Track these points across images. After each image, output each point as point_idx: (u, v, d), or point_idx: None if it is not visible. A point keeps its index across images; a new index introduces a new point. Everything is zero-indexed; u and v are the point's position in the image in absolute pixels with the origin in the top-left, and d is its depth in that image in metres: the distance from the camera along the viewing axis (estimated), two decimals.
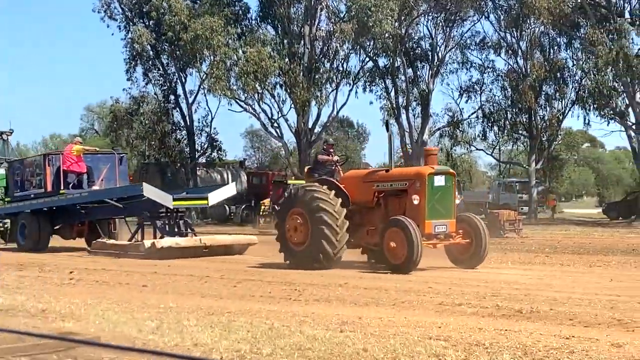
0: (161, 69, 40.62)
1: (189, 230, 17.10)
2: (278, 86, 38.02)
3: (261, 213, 31.97)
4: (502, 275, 11.66)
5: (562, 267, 13.85)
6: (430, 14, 39.46)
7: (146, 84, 40.58)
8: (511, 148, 50.40)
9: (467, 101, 42.35)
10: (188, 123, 41.04)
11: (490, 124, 42.09)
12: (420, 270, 11.73)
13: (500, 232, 23.39)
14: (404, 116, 40.06)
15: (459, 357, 5.00)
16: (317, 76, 37.77)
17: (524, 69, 39.02)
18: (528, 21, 37.83)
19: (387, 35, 35.14)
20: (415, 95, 40.75)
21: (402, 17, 37.15)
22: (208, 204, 18.66)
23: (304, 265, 12.03)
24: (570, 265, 14.20)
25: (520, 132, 43.06)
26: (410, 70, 40.34)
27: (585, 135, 54.63)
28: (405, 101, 40.24)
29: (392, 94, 40.46)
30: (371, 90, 41.21)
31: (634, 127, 37.13)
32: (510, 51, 40.28)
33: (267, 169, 46.25)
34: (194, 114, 41.21)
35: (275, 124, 40.01)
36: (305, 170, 15.44)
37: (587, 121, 39.70)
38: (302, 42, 37.80)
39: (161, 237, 16.01)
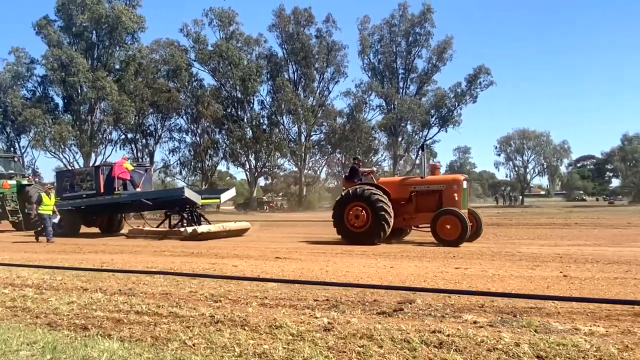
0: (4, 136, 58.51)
1: (202, 219, 18.01)
2: (72, 145, 56.51)
3: None
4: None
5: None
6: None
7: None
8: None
9: None
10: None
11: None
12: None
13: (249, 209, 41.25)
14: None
15: (165, 269, 8.21)
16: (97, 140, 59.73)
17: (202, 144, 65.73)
18: (202, 120, 61.68)
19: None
20: None
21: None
22: (220, 202, 19.84)
23: (363, 242, 12.89)
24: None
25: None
26: None
27: (225, 174, 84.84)
28: None
29: None
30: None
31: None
32: (193, 134, 66.41)
33: None
34: (25, 158, 58.10)
35: (73, 164, 56.31)
36: (344, 176, 16.13)
37: (228, 167, 65.75)
38: (88, 124, 57.38)
39: (185, 225, 16.97)
